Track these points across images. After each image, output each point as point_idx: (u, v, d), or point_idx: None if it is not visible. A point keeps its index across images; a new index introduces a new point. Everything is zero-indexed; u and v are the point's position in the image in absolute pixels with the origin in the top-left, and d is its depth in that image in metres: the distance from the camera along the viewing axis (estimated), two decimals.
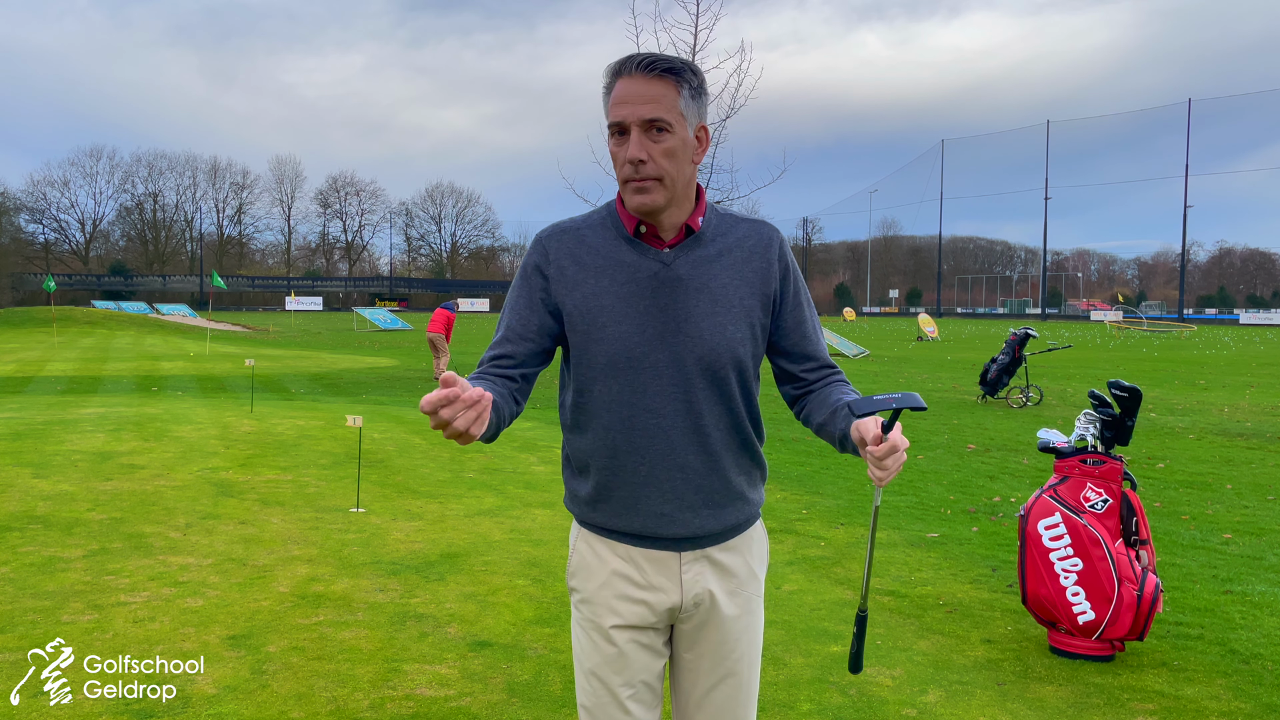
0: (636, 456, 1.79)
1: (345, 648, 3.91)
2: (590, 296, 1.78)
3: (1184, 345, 35.41)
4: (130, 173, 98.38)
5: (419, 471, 7.68)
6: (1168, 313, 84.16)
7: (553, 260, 1.82)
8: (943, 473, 8.40)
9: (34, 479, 6.77)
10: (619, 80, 1.72)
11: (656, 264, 1.78)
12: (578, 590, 1.90)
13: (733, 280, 1.80)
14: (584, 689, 1.88)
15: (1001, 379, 14.47)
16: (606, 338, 1.77)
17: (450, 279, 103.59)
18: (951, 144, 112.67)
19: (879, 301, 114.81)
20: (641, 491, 1.80)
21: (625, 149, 1.70)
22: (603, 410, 1.80)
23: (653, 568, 1.84)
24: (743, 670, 1.91)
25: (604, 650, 1.84)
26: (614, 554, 1.85)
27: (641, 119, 1.69)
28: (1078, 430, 4.21)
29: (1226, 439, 10.72)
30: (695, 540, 1.84)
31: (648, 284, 1.78)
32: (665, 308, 1.77)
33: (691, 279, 1.78)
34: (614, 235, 1.81)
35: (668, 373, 1.77)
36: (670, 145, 1.71)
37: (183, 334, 35.01)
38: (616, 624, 1.84)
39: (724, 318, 1.78)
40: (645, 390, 1.77)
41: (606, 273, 1.79)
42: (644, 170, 1.70)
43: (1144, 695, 3.64)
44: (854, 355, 26.39)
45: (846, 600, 4.75)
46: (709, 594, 1.86)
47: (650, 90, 1.69)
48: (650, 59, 1.70)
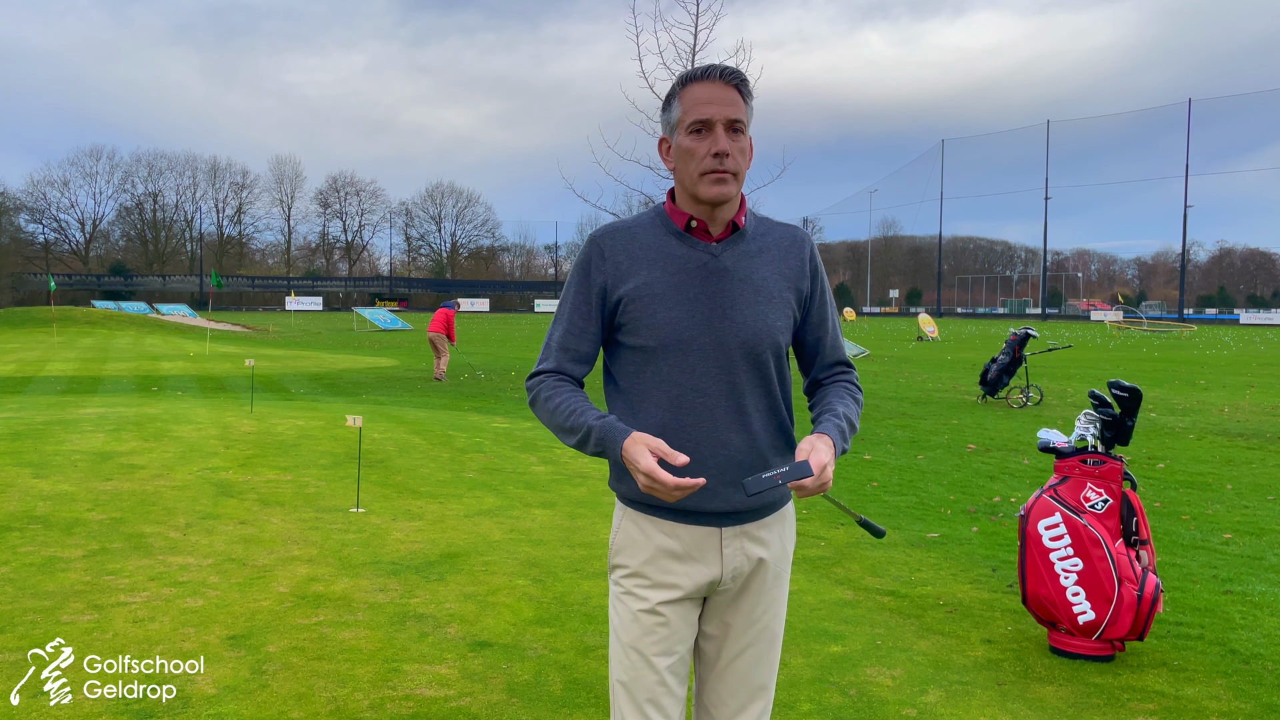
0: (683, 434, 1.93)
1: (345, 648, 3.91)
2: (643, 285, 1.94)
3: (1184, 345, 35.41)
4: (130, 172, 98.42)
5: (419, 471, 7.67)
6: (1168, 313, 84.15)
7: (608, 256, 1.98)
8: (943, 473, 8.40)
9: (34, 479, 6.77)
10: (697, 84, 1.91)
11: (705, 255, 1.96)
12: (623, 565, 2.01)
13: (772, 274, 1.99)
14: (621, 664, 1.98)
15: (1001, 379, 14.47)
16: (657, 323, 1.93)
17: (450, 279, 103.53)
18: (951, 144, 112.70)
19: (879, 301, 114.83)
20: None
21: (708, 143, 1.88)
22: (653, 389, 1.95)
23: (695, 543, 1.97)
24: (766, 639, 2.06)
25: (645, 622, 1.95)
26: (659, 530, 1.98)
27: (727, 118, 1.89)
28: (1078, 430, 4.20)
29: (1226, 439, 10.72)
30: (736, 516, 1.98)
31: (697, 273, 1.95)
32: (713, 295, 1.94)
33: (736, 270, 1.96)
34: (664, 232, 1.98)
35: (713, 355, 1.93)
36: (744, 145, 1.93)
37: (182, 334, 35.01)
38: (661, 597, 1.96)
39: (764, 307, 1.96)
40: (693, 370, 1.93)
41: (659, 264, 1.96)
42: (726, 164, 1.88)
43: (1144, 695, 3.64)
44: (854, 355, 26.40)
45: (846, 600, 4.75)
46: (745, 569, 2.00)
47: (729, 94, 1.90)
48: (729, 69, 1.91)
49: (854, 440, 10.19)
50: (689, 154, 1.91)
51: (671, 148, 1.98)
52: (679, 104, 1.93)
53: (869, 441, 10.26)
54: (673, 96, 1.95)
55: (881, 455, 9.37)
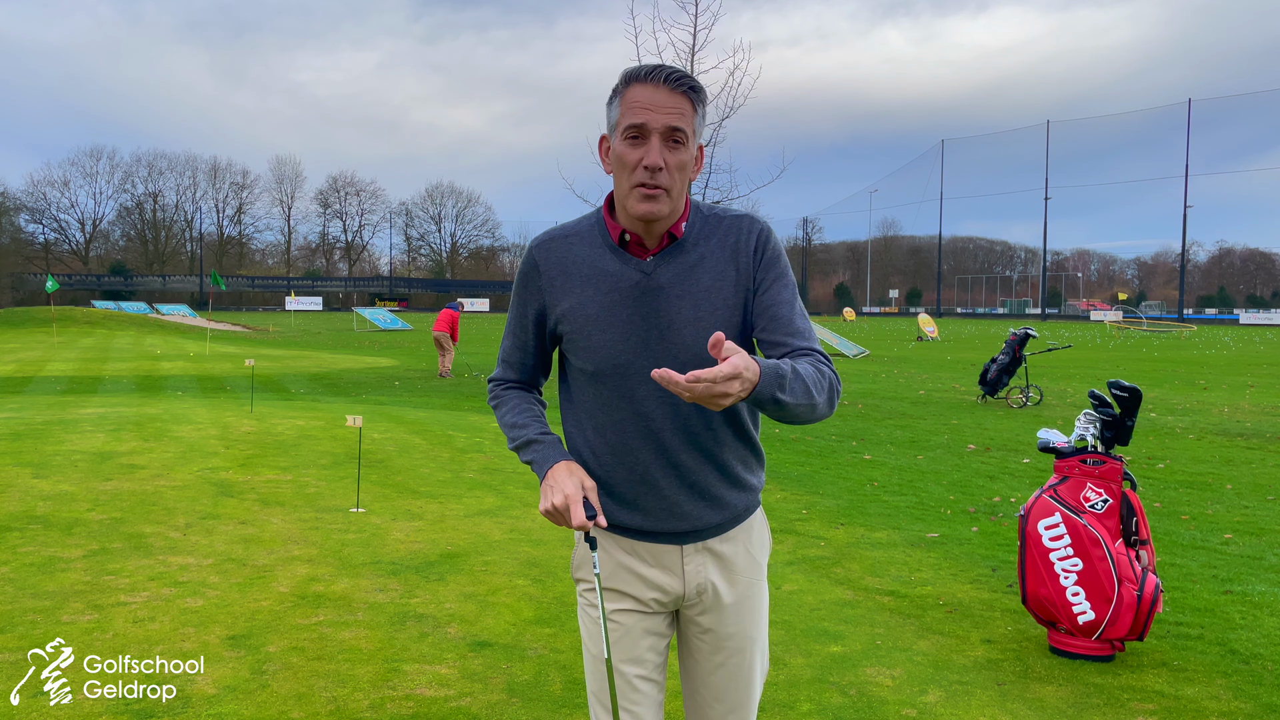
0: (631, 457, 1.85)
1: (345, 648, 3.91)
2: (577, 306, 1.84)
3: (1184, 345, 35.41)
4: (130, 173, 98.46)
5: (419, 471, 7.67)
6: (1168, 313, 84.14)
7: (543, 271, 1.88)
8: (943, 473, 8.40)
9: (34, 479, 6.77)
10: (638, 85, 1.73)
11: (638, 274, 1.82)
12: (585, 580, 1.97)
13: (715, 282, 1.82)
14: (592, 674, 1.96)
15: (1001, 379, 14.47)
16: (592, 346, 1.83)
17: (450, 279, 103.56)
18: (952, 144, 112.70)
19: (879, 301, 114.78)
20: (639, 489, 1.87)
21: (640, 152, 1.73)
22: (597, 412, 1.87)
23: (656, 560, 1.91)
24: (745, 651, 1.98)
25: (611, 633, 1.90)
26: (618, 547, 1.92)
27: (666, 126, 1.72)
28: (1078, 430, 4.21)
29: (1226, 439, 10.72)
30: (696, 533, 1.90)
31: (630, 293, 1.81)
32: (647, 316, 1.81)
33: (673, 286, 1.81)
34: (600, 244, 1.85)
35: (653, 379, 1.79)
36: (683, 159, 1.75)
37: (183, 334, 35.01)
38: (621, 606, 1.92)
39: (707, 321, 1.81)
40: (633, 395, 1.82)
41: (591, 282, 1.83)
42: (659, 178, 1.73)
43: (1144, 695, 3.64)
44: (854, 355, 26.39)
45: (846, 600, 4.75)
46: (711, 583, 1.93)
47: (673, 101, 1.72)
48: (677, 72, 1.73)
49: (854, 440, 10.19)
50: (620, 161, 1.75)
51: (609, 150, 1.81)
52: (619, 103, 1.76)
53: (869, 441, 10.27)
54: (615, 94, 1.78)
55: (881, 455, 9.37)
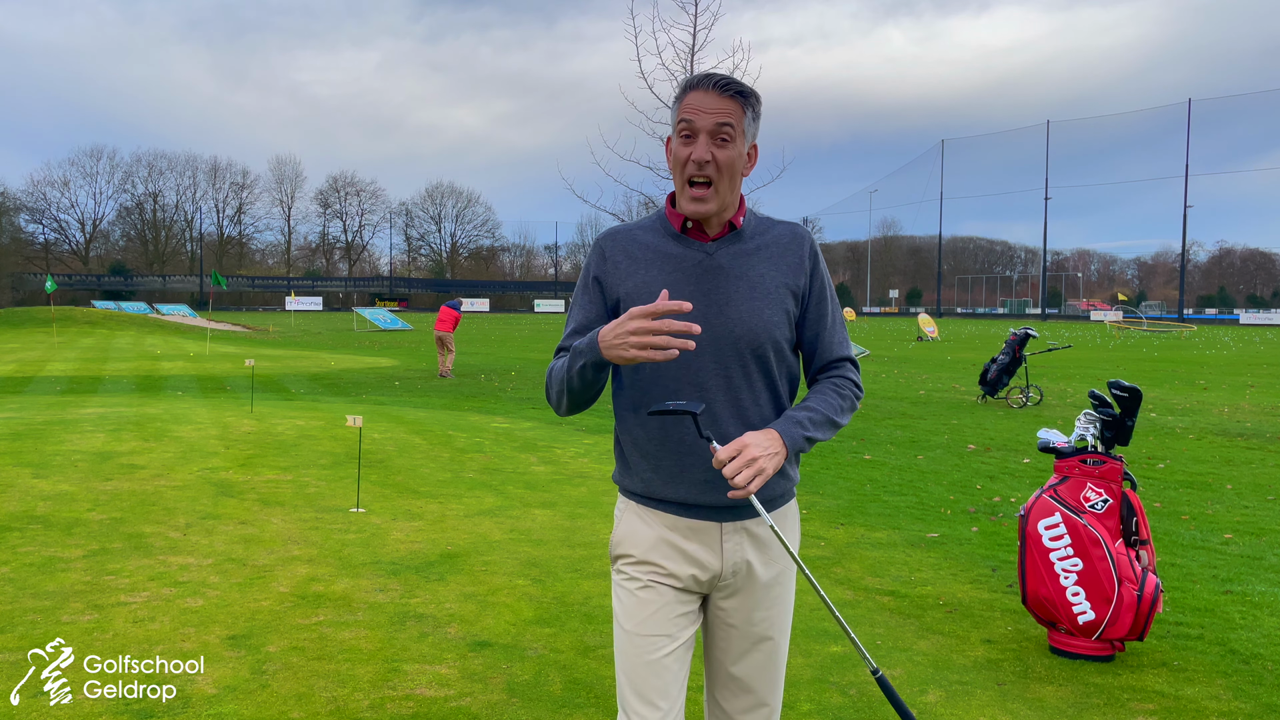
0: (682, 427, 1.97)
1: (345, 648, 3.91)
2: (641, 285, 1.99)
3: (1184, 345, 35.41)
4: (130, 173, 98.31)
5: (419, 471, 7.68)
6: (1168, 313, 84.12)
7: (608, 257, 2.05)
8: (943, 473, 8.40)
9: (34, 479, 6.77)
10: (694, 92, 1.95)
11: (700, 254, 2.00)
12: (627, 555, 2.04)
13: (769, 271, 2.02)
14: (624, 652, 2.00)
15: (1001, 379, 14.48)
16: None
17: (450, 279, 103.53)
18: (952, 144, 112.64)
19: (879, 301, 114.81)
20: (686, 460, 1.97)
21: (691, 149, 1.93)
22: (653, 385, 1.98)
23: (696, 537, 2.00)
24: (775, 636, 2.07)
25: (646, 602, 1.98)
26: (661, 522, 2.02)
27: (713, 123, 1.92)
28: (1078, 430, 4.21)
29: (1226, 439, 10.72)
30: (735, 511, 2.00)
31: (692, 272, 1.99)
32: (708, 293, 1.98)
33: (732, 268, 2.00)
34: (663, 233, 2.04)
35: (710, 351, 1.95)
36: (730, 155, 1.94)
37: (183, 334, 35.01)
38: (663, 581, 1.99)
39: (760, 303, 1.99)
40: (689, 366, 1.96)
41: (655, 264, 2.01)
42: (706, 170, 1.92)
43: (1144, 695, 3.64)
44: (854, 355, 26.35)
45: (847, 600, 4.75)
46: (746, 563, 2.02)
47: (721, 104, 1.93)
48: (726, 79, 1.95)
49: (854, 440, 10.19)
50: (675, 158, 1.97)
51: (671, 151, 2.03)
52: (677, 108, 1.98)
53: (869, 441, 10.27)
54: (676, 101, 2.02)
55: (881, 455, 9.37)
